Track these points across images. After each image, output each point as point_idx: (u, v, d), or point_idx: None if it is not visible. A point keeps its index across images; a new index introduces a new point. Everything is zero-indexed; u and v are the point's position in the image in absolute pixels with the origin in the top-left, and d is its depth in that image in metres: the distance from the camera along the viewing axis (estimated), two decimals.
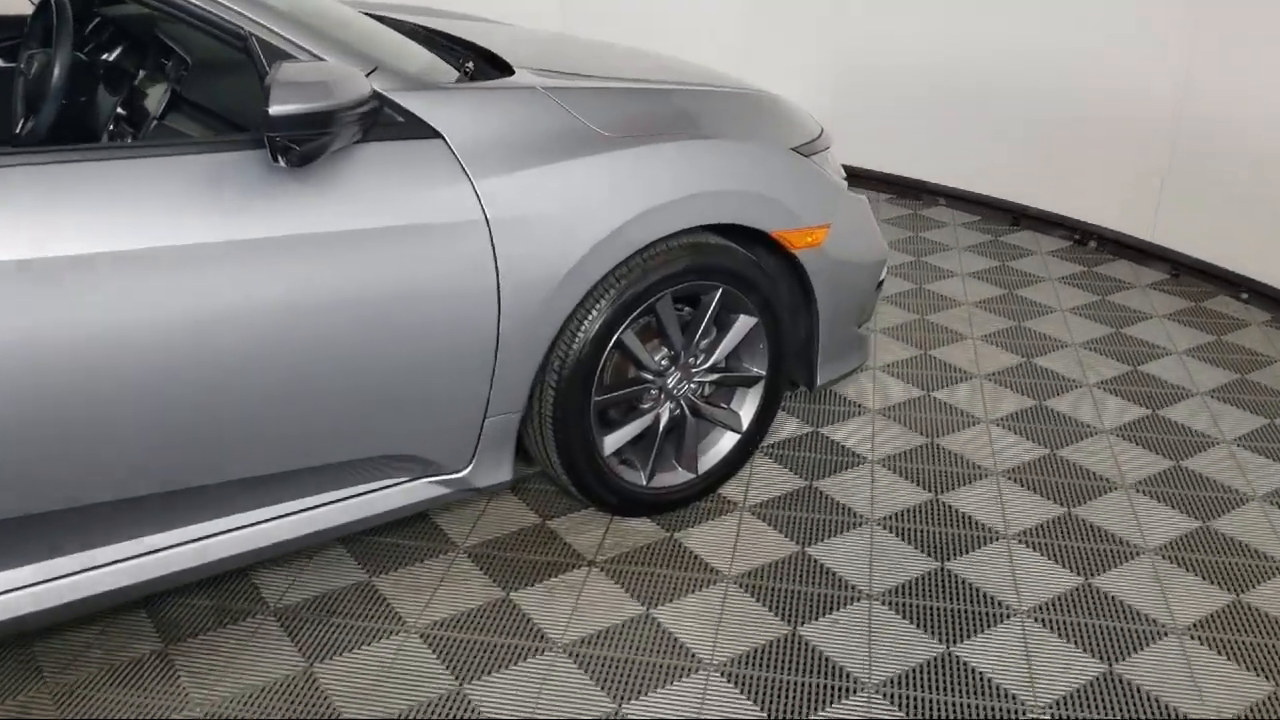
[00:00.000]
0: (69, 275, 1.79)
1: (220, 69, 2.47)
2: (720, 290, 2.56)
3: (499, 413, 2.34)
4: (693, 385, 2.66)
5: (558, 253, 2.26)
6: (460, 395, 2.27)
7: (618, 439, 2.56)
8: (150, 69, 2.74)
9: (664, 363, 2.60)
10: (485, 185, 2.16)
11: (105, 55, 2.88)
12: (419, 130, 2.14)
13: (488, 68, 2.51)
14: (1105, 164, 4.50)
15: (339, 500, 2.27)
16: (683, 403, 2.65)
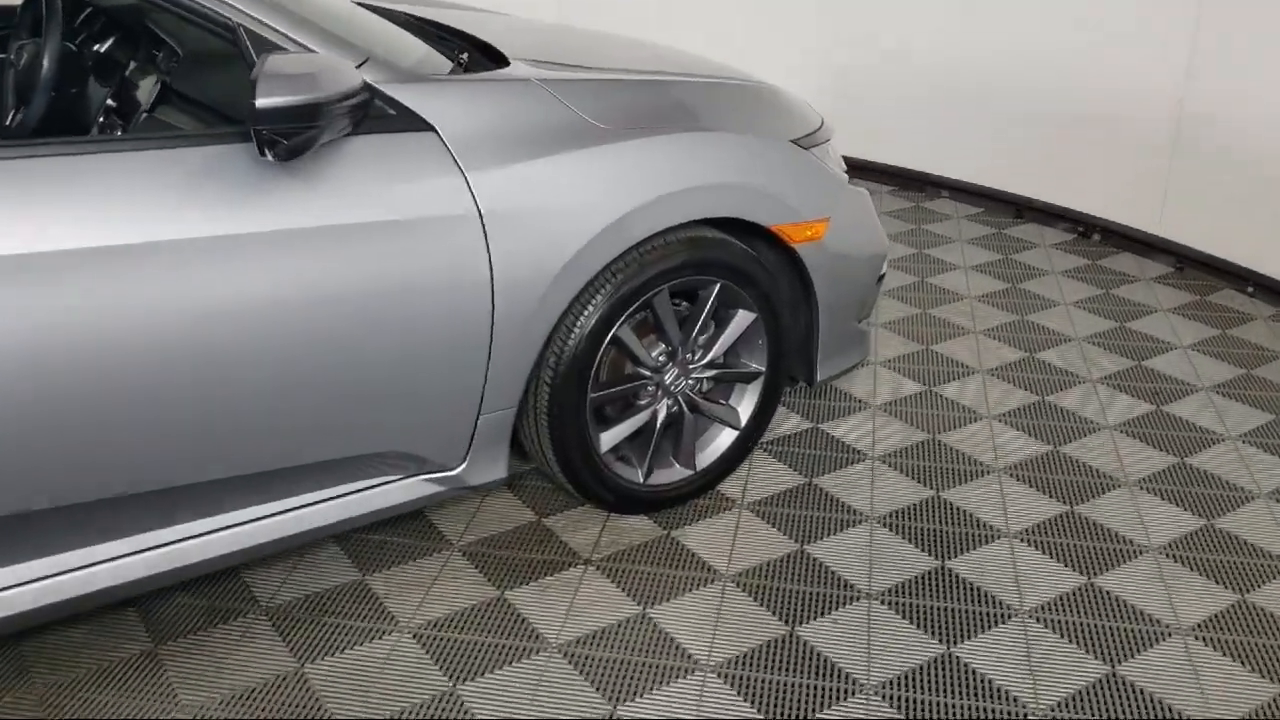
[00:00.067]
0: (55, 270, 1.76)
1: (211, 60, 2.44)
2: (718, 285, 2.53)
3: (493, 409, 2.31)
4: (690, 381, 2.63)
5: (553, 247, 2.23)
6: (454, 392, 2.24)
7: (614, 436, 2.54)
8: (141, 60, 2.70)
9: (661, 359, 2.57)
10: (479, 178, 2.13)
11: (96, 46, 2.84)
12: (411, 123, 2.11)
13: (482, 59, 2.48)
14: (1110, 155, 4.46)
15: (332, 498, 2.24)
16: (680, 399, 2.62)
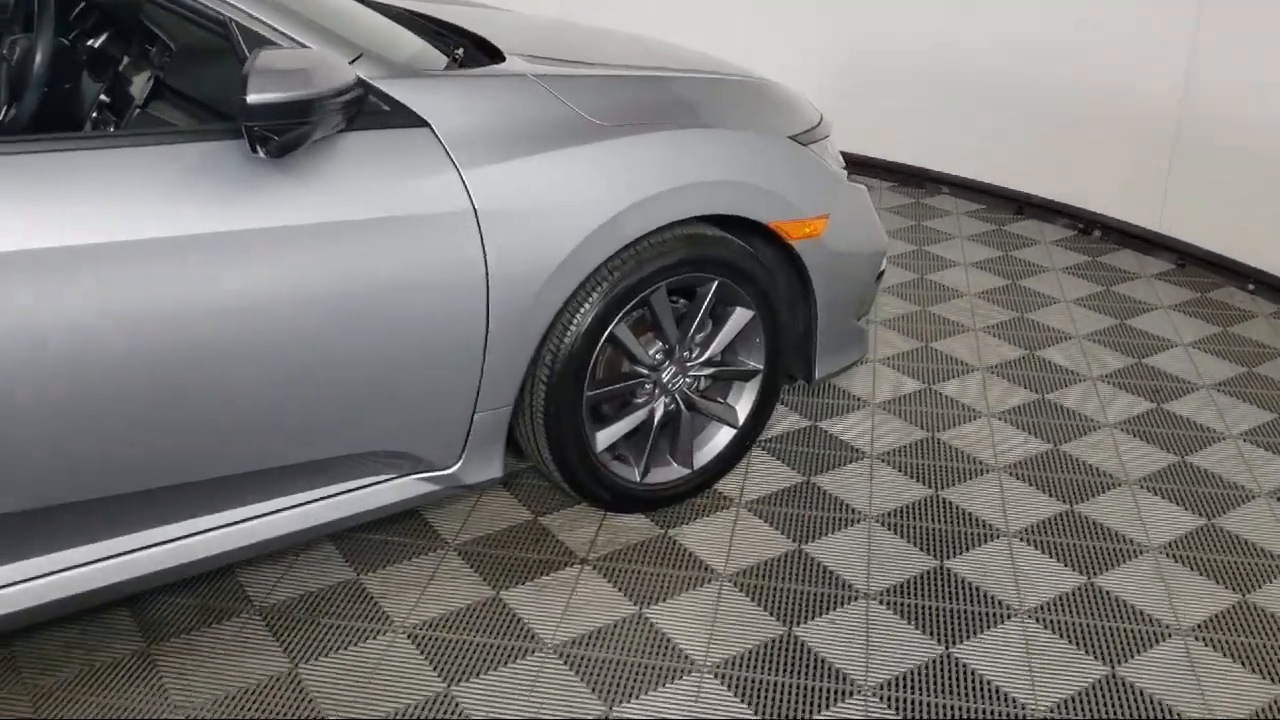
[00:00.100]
0: (46, 267, 1.75)
1: (204, 56, 2.42)
2: (716, 282, 2.51)
3: (489, 408, 2.30)
4: (688, 379, 2.61)
5: (549, 244, 2.21)
6: (449, 390, 2.23)
7: (611, 434, 2.52)
8: (134, 55, 2.68)
9: (658, 356, 2.55)
10: (474, 175, 2.11)
11: (89, 41, 2.83)
12: (405, 119, 2.09)
13: (479, 54, 2.46)
14: (1111, 152, 4.44)
15: (327, 497, 2.23)
16: (677, 397, 2.60)
